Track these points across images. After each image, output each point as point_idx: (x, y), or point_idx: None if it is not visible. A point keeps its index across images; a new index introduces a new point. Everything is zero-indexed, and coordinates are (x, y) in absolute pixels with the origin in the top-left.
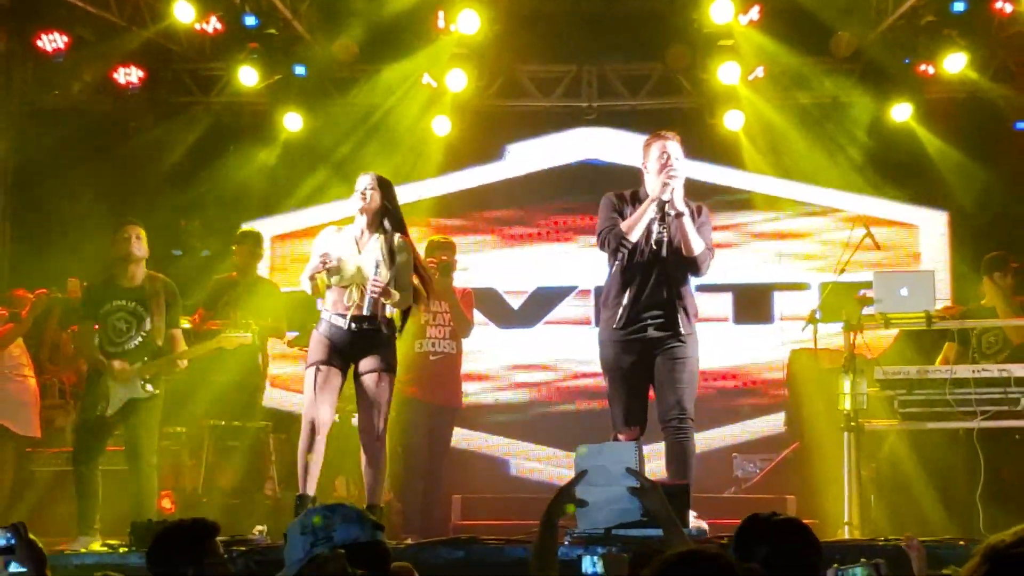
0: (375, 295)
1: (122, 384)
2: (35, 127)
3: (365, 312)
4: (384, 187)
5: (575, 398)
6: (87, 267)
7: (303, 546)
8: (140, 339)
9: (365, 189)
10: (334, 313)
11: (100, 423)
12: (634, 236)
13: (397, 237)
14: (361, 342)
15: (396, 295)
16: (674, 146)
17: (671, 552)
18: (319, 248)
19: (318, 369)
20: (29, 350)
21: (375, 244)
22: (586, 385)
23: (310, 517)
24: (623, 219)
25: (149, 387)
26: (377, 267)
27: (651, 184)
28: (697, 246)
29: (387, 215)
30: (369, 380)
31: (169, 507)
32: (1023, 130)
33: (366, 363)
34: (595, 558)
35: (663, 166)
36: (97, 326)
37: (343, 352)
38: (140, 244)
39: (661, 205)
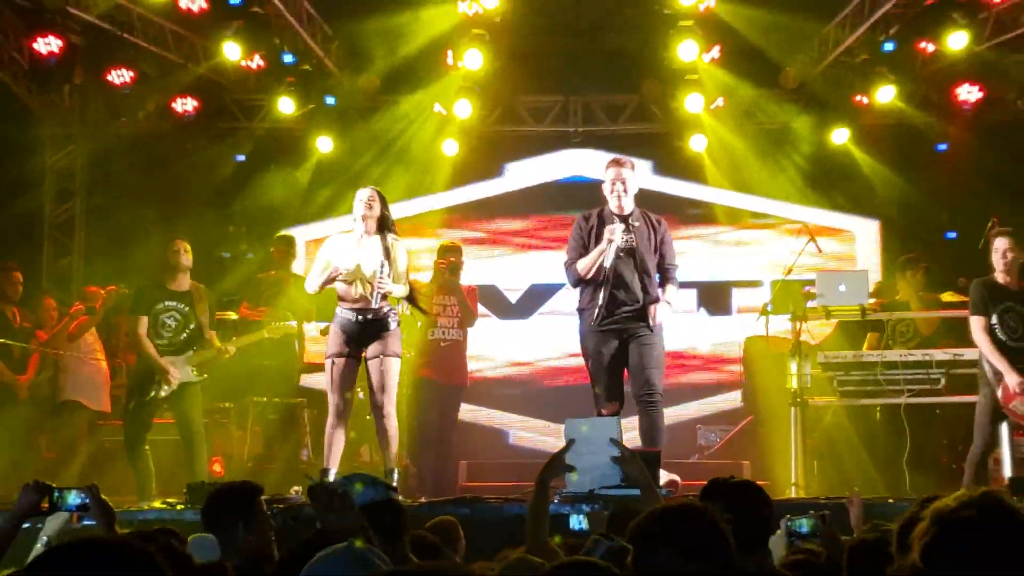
0: (382, 290)
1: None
2: (105, 149)
3: (373, 305)
4: (381, 198)
5: (563, 378)
6: (149, 266)
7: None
8: (187, 334)
9: (369, 199)
10: (344, 308)
11: (152, 405)
12: (590, 275)
13: (391, 238)
14: (369, 331)
15: (399, 288)
16: (627, 171)
17: (652, 509)
18: (325, 256)
19: (333, 362)
20: (100, 337)
21: (376, 246)
22: (572, 367)
23: (363, 479)
24: (586, 246)
25: (196, 374)
26: (383, 266)
27: (611, 202)
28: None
29: (384, 221)
30: (375, 364)
31: (219, 471)
32: (943, 151)
33: (373, 349)
34: (580, 516)
35: (611, 186)
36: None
37: (355, 340)
38: (187, 256)
39: (613, 231)
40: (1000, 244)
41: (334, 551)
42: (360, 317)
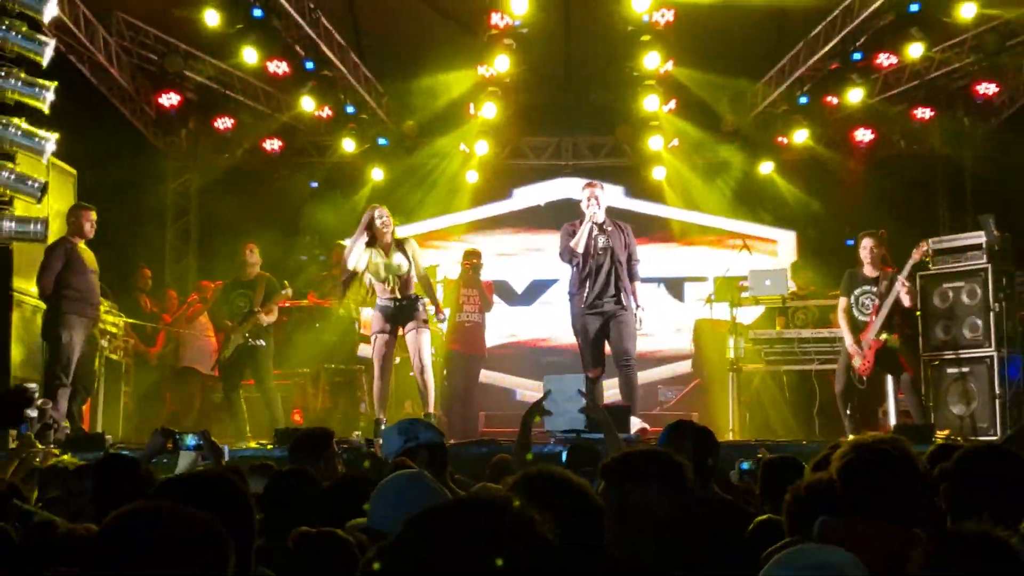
0: (406, 281)
1: (237, 339)
2: (212, 178)
3: (399, 295)
4: (391, 215)
5: (557, 350)
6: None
7: (398, 442)
8: (248, 310)
9: (386, 216)
10: (382, 298)
11: (229, 365)
12: (580, 248)
13: (410, 243)
14: (403, 312)
15: (416, 279)
16: (599, 191)
17: (629, 452)
18: (358, 258)
19: (376, 337)
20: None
21: (398, 250)
22: (565, 341)
23: (404, 424)
24: (573, 236)
25: (259, 341)
26: (408, 265)
27: (587, 214)
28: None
29: (395, 231)
30: (412, 336)
31: (299, 420)
32: (842, 180)
33: (409, 325)
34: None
35: (587, 202)
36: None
37: (392, 320)
38: (253, 256)
39: (591, 226)
40: (865, 242)
41: (404, 474)
42: (395, 303)
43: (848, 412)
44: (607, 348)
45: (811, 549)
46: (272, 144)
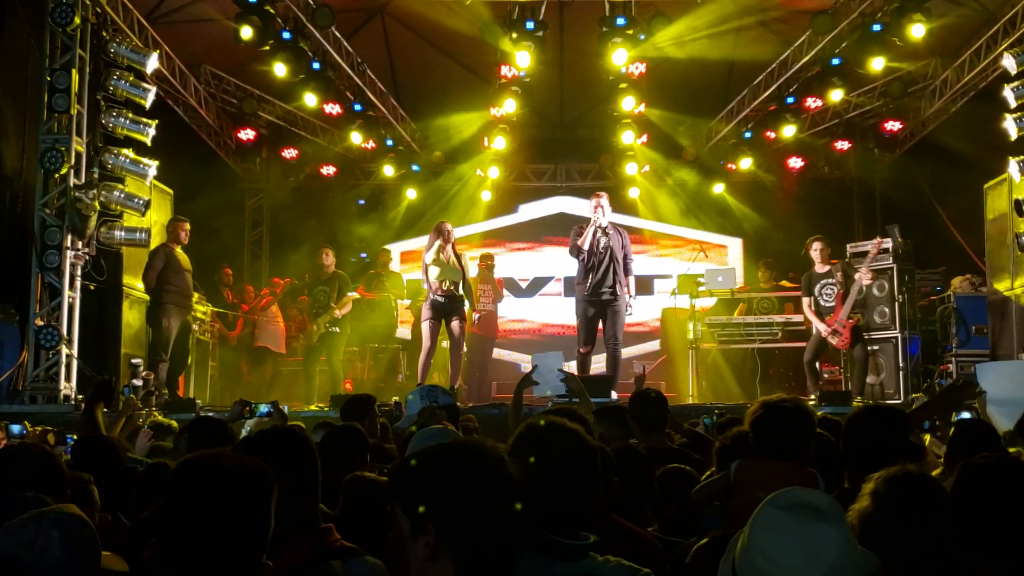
0: (459, 284)
1: (319, 330)
2: (281, 197)
3: (451, 294)
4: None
5: (553, 332)
6: (306, 267)
7: (419, 403)
8: (328, 304)
9: (451, 231)
10: (436, 293)
11: (312, 348)
12: (585, 245)
13: (464, 256)
14: (450, 306)
15: (463, 283)
16: (604, 200)
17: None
18: (432, 259)
19: (428, 323)
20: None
21: (455, 259)
22: (559, 325)
23: (425, 389)
24: (580, 235)
25: (335, 328)
26: (461, 273)
27: (593, 218)
28: (631, 267)
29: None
30: (455, 325)
31: (350, 388)
32: (778, 198)
33: (452, 317)
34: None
35: (594, 209)
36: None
37: (441, 312)
38: (329, 257)
39: (595, 230)
40: (816, 245)
41: (434, 427)
42: (444, 299)
43: (813, 377)
44: (600, 330)
45: (797, 490)
46: (327, 170)
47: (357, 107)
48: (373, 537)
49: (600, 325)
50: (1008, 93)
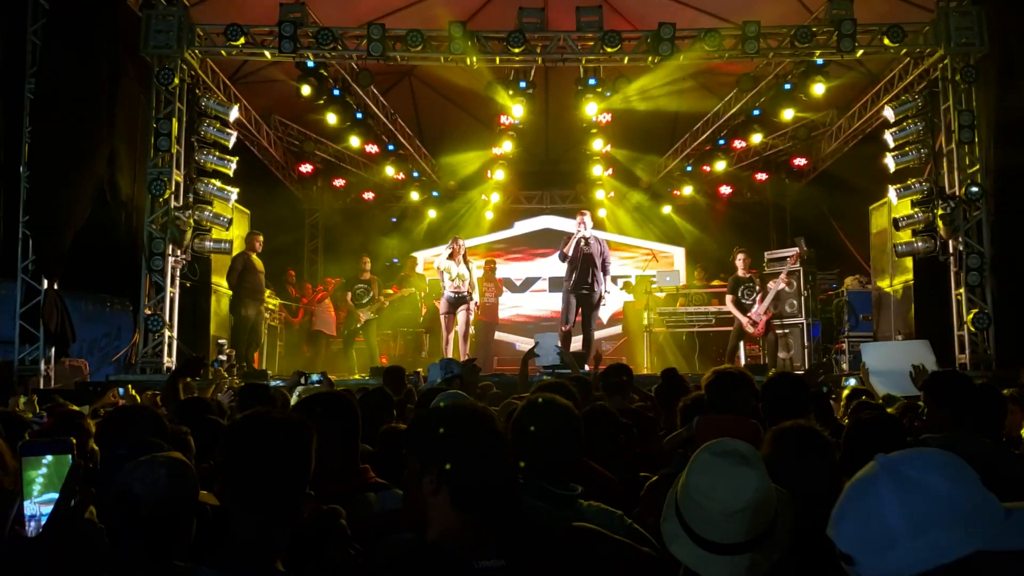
0: (469, 285)
1: (368, 315)
2: (332, 217)
3: (460, 291)
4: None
5: (540, 320)
6: (352, 270)
7: (441, 373)
8: (368, 298)
9: (462, 245)
10: (450, 292)
11: (353, 332)
12: (569, 252)
13: (471, 262)
14: (460, 302)
15: (471, 284)
16: (587, 218)
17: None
18: (444, 265)
19: (444, 315)
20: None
21: (464, 264)
22: (545, 314)
23: (444, 362)
24: (567, 244)
25: (374, 315)
26: (468, 275)
27: (578, 231)
28: (608, 268)
29: (465, 253)
30: (462, 315)
31: (385, 361)
32: (712, 217)
33: (460, 308)
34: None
35: (578, 224)
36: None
37: (453, 305)
38: (367, 264)
39: (578, 240)
40: (740, 256)
41: (452, 391)
42: (455, 295)
43: (732, 360)
44: (579, 317)
45: (726, 441)
46: (368, 195)
47: (390, 147)
48: (401, 474)
49: (579, 313)
50: (888, 136)
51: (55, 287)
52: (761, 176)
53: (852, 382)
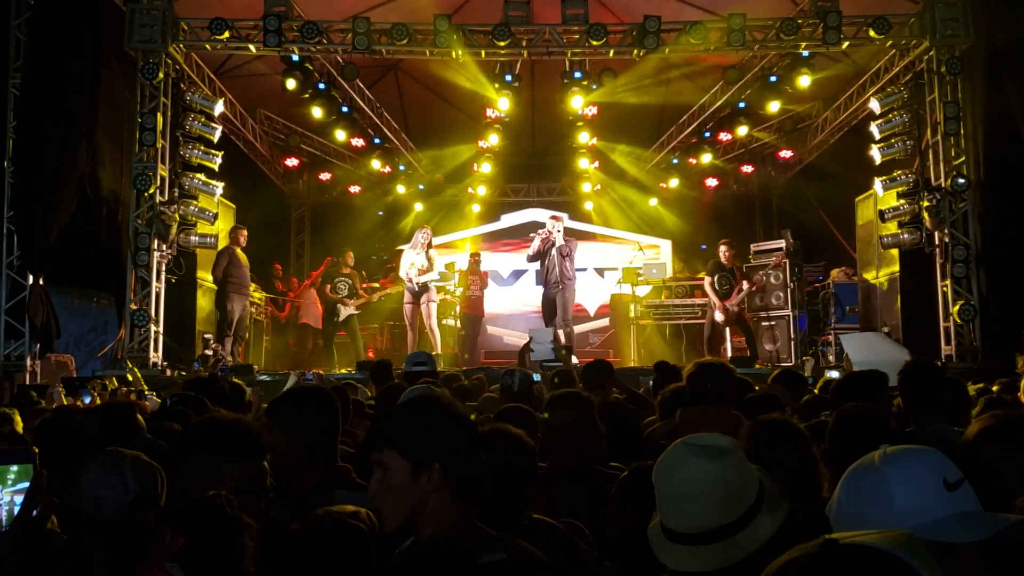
0: (425, 278)
1: (350, 310)
2: (319, 210)
3: (420, 280)
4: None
5: (525, 313)
6: (336, 262)
7: (410, 365)
8: (348, 291)
9: (429, 233)
10: (409, 283)
11: (336, 324)
12: (531, 251)
13: (432, 252)
14: (422, 294)
15: (432, 275)
16: (558, 222)
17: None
18: (408, 257)
19: (406, 306)
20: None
21: (424, 253)
22: (529, 308)
23: (415, 354)
24: (538, 250)
25: (355, 310)
26: (430, 262)
27: (552, 233)
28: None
29: (429, 245)
30: (424, 307)
31: (371, 355)
32: (698, 209)
33: (424, 300)
34: (538, 375)
35: (550, 230)
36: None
37: (416, 296)
38: (351, 259)
39: (552, 244)
40: (723, 247)
41: (418, 388)
42: (418, 286)
43: (709, 349)
44: (560, 312)
45: (704, 435)
46: (354, 188)
47: (376, 140)
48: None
49: (557, 308)
50: (873, 128)
51: (40, 282)
52: (747, 168)
53: (835, 374)
